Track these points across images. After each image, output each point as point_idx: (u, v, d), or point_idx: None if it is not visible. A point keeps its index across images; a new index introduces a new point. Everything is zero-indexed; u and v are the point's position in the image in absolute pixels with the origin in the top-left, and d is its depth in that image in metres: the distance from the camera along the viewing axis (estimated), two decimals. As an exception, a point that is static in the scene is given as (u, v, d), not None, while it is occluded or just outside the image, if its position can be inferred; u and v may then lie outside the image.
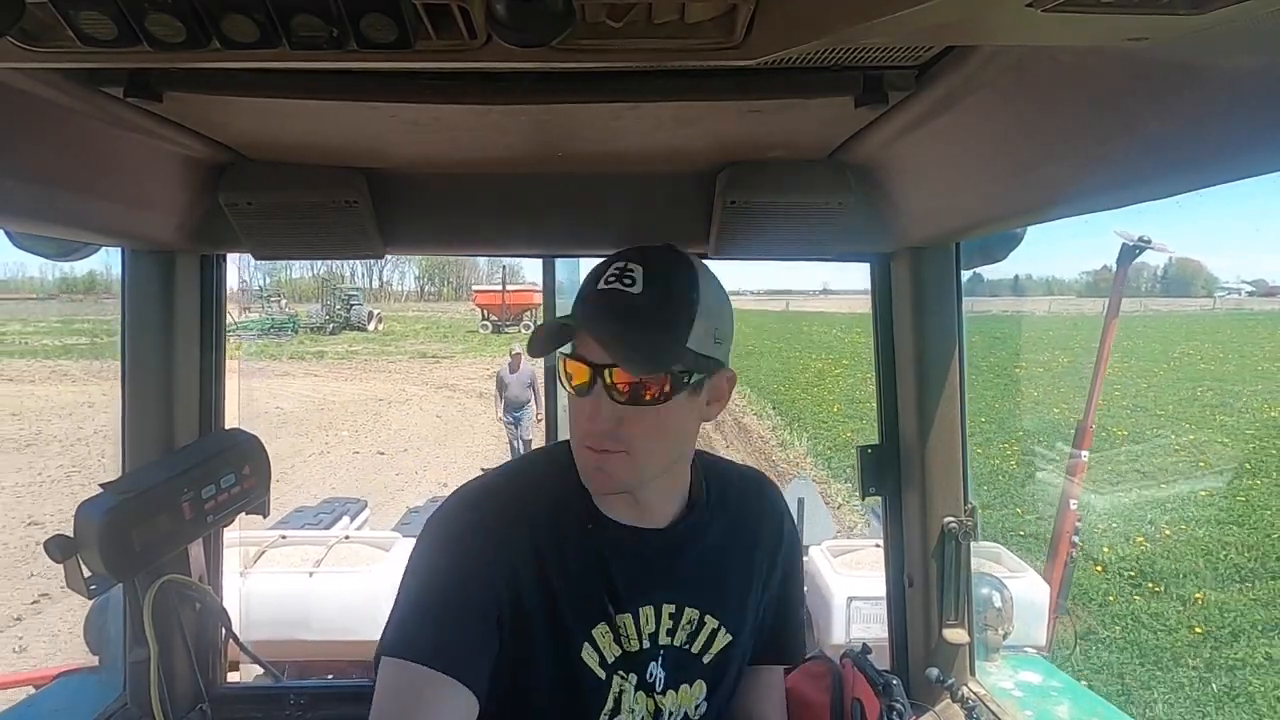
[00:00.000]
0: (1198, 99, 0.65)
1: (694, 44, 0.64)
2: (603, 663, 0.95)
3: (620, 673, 0.96)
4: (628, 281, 0.87)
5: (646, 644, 0.97)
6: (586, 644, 0.94)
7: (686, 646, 1.00)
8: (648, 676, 0.98)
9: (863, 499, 1.90)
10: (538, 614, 0.91)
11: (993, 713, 1.43)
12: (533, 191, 1.39)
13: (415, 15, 0.57)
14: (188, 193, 1.28)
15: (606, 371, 0.85)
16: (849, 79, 0.93)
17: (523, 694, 0.92)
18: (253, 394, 13.78)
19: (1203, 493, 8.28)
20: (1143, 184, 0.80)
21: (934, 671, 1.48)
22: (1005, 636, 1.76)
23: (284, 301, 40.85)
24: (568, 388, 0.91)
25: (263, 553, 3.73)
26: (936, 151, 1.11)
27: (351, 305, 36.57)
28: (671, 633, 0.99)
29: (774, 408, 14.20)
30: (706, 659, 1.01)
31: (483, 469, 1.20)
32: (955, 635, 1.47)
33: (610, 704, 0.96)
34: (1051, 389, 14.70)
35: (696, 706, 1.03)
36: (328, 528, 4.55)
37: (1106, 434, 10.22)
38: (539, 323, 0.99)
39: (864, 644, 1.57)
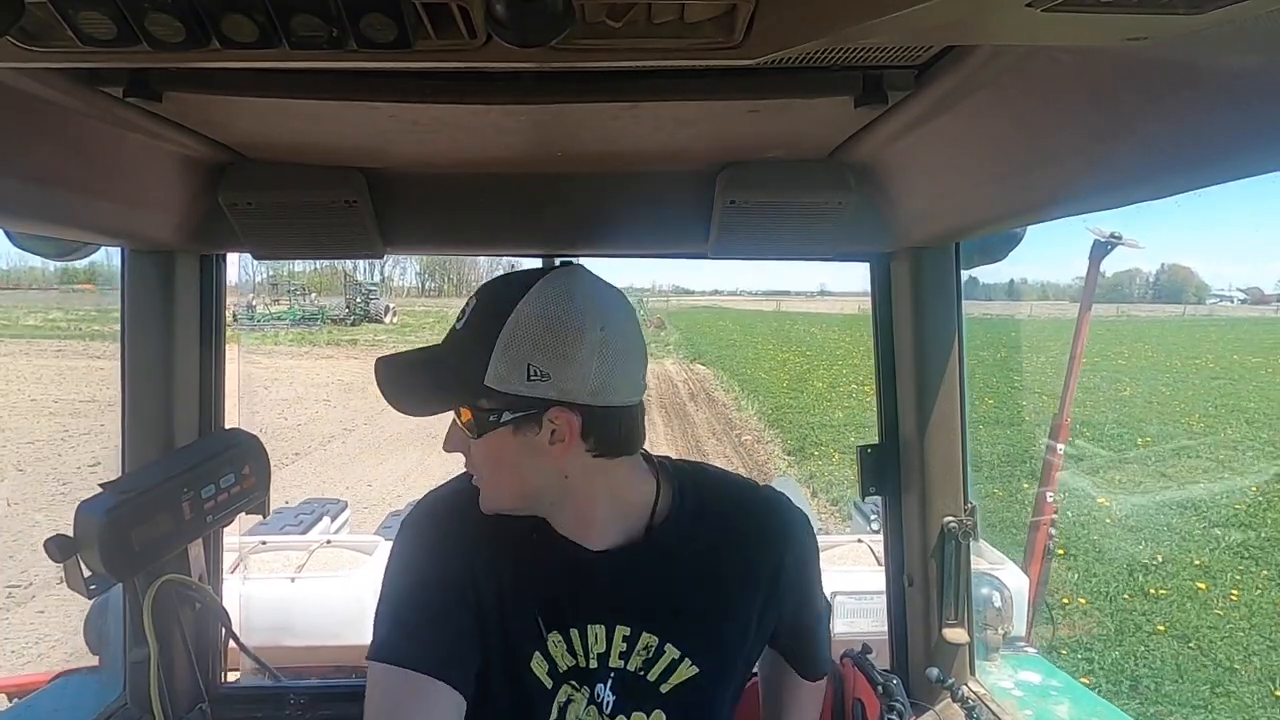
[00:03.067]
0: (1198, 99, 0.65)
1: (694, 44, 0.64)
2: (552, 671, 0.94)
3: (572, 683, 0.95)
4: (458, 318, 0.90)
5: (595, 664, 0.95)
6: (537, 652, 0.94)
7: (641, 673, 0.95)
8: (596, 696, 0.96)
9: (862, 498, 1.90)
10: (492, 619, 0.93)
11: (993, 713, 1.43)
12: (533, 191, 1.38)
13: (415, 15, 0.56)
14: (188, 193, 1.28)
15: None
16: (849, 79, 0.93)
17: (480, 698, 0.92)
18: (315, 370, 18.62)
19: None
20: (1143, 184, 0.80)
21: (934, 671, 1.48)
22: (1005, 636, 1.76)
23: (313, 295, 44.25)
24: None
25: (243, 559, 3.71)
26: (936, 151, 1.11)
27: (370, 299, 38.93)
28: (625, 656, 0.95)
29: (739, 384, 17.09)
30: (664, 688, 0.96)
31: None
32: (955, 635, 1.47)
33: (555, 713, 0.95)
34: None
35: None
36: (307, 530, 4.52)
37: (982, 401, 12.97)
38: None
39: (864, 644, 1.58)
